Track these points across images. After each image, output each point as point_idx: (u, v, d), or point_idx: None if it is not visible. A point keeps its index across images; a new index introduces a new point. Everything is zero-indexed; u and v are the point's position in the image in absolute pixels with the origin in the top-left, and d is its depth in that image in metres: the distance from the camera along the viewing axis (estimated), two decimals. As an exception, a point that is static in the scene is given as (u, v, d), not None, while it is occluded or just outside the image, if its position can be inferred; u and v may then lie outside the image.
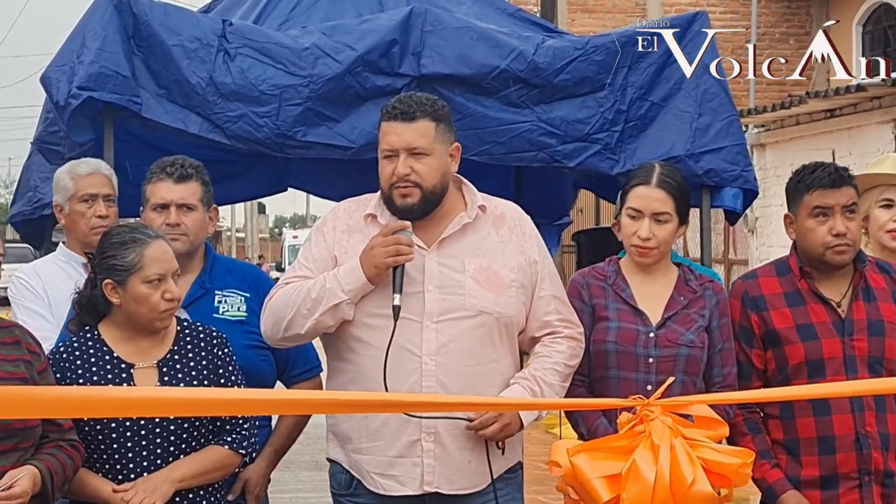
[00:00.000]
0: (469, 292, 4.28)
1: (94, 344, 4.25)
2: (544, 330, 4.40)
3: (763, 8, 20.15)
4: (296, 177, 7.05)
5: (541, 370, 4.32)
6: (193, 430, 4.21)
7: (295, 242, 49.89)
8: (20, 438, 3.92)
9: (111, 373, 4.20)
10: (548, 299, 4.40)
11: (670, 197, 4.48)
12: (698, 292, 4.54)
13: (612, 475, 3.82)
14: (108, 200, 5.23)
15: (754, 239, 16.45)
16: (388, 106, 4.33)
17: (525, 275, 4.37)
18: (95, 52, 5.34)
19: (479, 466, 4.28)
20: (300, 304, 4.26)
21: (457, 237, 4.34)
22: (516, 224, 4.45)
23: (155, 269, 4.18)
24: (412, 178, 4.25)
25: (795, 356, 4.52)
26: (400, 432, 4.24)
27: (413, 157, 4.25)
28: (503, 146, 5.66)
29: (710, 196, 5.83)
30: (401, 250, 4.16)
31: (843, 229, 4.50)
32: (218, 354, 4.33)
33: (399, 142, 4.26)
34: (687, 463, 3.78)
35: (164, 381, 4.21)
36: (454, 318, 4.24)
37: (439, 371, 4.18)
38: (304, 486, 10.79)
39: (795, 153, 14.94)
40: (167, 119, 5.49)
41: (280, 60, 5.53)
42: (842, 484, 4.49)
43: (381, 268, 4.18)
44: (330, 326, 4.27)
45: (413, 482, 4.25)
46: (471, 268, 4.31)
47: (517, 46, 5.66)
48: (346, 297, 4.21)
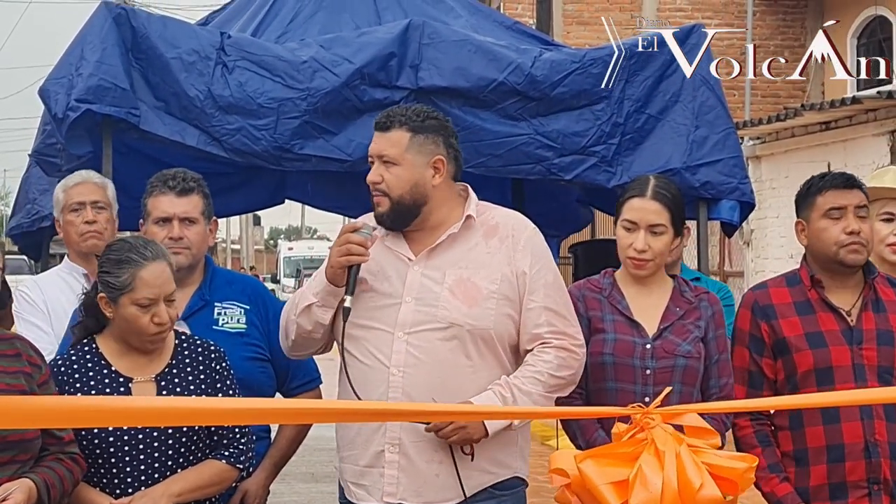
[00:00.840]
0: (442, 304, 4.23)
1: (93, 357, 4.24)
2: (535, 342, 4.29)
3: (758, 20, 20.18)
4: (293, 189, 7.05)
5: (519, 377, 4.23)
6: (191, 444, 4.20)
7: (290, 254, 49.89)
8: (17, 451, 3.91)
9: (109, 386, 4.19)
10: (538, 311, 4.28)
11: (665, 209, 4.49)
12: (694, 303, 4.54)
13: (620, 481, 3.83)
14: (98, 207, 5.25)
15: (750, 251, 16.47)
16: (376, 119, 4.38)
17: (510, 286, 4.28)
18: (94, 64, 5.35)
19: (448, 480, 4.21)
20: (289, 310, 4.36)
21: (444, 248, 4.32)
22: (509, 234, 4.35)
23: (145, 292, 4.13)
24: (381, 186, 4.27)
25: (804, 364, 4.53)
26: (369, 442, 4.23)
27: (384, 166, 4.28)
28: (500, 159, 5.68)
29: (707, 208, 5.84)
30: (351, 249, 4.18)
31: (857, 227, 4.53)
32: (216, 369, 4.32)
33: (373, 149, 4.31)
34: (693, 469, 3.78)
35: (163, 396, 4.20)
36: (425, 329, 4.21)
37: (406, 383, 4.15)
38: (300, 499, 10.78)
39: (791, 165, 14.97)
40: (165, 132, 5.50)
41: (278, 73, 5.54)
42: (851, 493, 4.49)
43: (335, 267, 4.21)
44: (310, 332, 4.32)
45: (378, 492, 4.23)
46: (450, 279, 4.27)
47: (515, 59, 5.67)
48: (315, 299, 4.27)
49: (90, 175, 5.33)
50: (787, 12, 20.65)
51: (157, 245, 4.29)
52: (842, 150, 14.08)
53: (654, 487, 3.72)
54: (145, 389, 4.22)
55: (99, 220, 5.25)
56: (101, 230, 5.25)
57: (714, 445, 3.94)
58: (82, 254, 5.28)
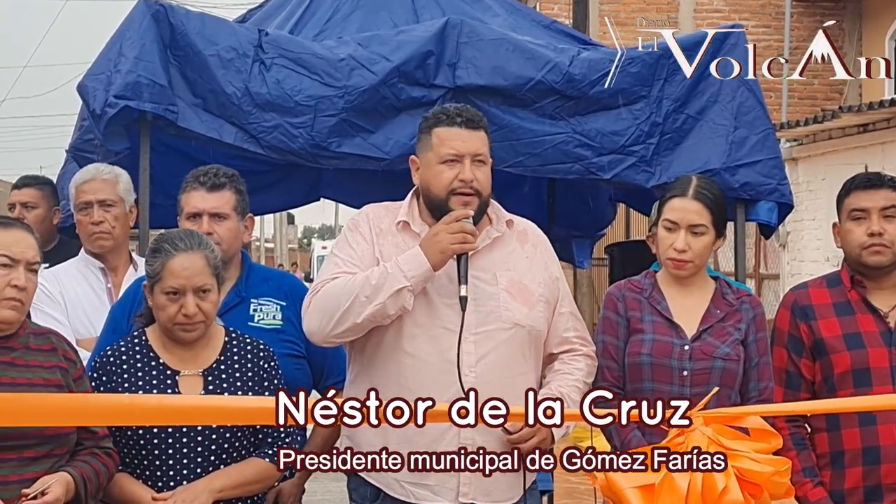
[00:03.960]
0: (504, 305, 4.27)
1: (142, 349, 4.26)
2: (563, 346, 4.42)
3: (795, 22, 20.06)
4: (328, 187, 7.05)
5: (565, 387, 4.32)
6: (235, 441, 4.20)
7: (323, 253, 49.95)
8: (54, 445, 3.93)
9: (156, 378, 4.21)
10: (567, 316, 4.43)
11: (707, 209, 4.47)
12: (735, 306, 4.52)
13: (647, 486, 3.81)
14: (106, 205, 5.28)
15: (785, 254, 16.39)
16: (446, 113, 4.31)
17: (550, 290, 4.40)
18: (133, 61, 5.36)
19: (512, 479, 4.26)
20: (358, 291, 4.16)
21: (487, 251, 4.33)
22: (539, 241, 4.48)
23: (171, 282, 4.15)
24: (474, 185, 4.24)
25: (841, 365, 4.51)
26: (437, 442, 4.18)
27: (475, 165, 4.25)
28: (538, 158, 5.65)
29: (745, 210, 5.80)
30: (467, 238, 4.15)
31: (879, 229, 4.51)
32: (264, 367, 4.32)
33: (465, 147, 4.25)
34: (720, 472, 3.77)
35: (209, 390, 4.20)
36: (490, 329, 4.24)
37: (478, 382, 4.13)
38: (333, 497, 10.78)
39: (828, 168, 14.89)
40: (202, 128, 5.50)
41: (315, 71, 5.54)
42: (886, 496, 4.47)
43: (446, 253, 4.15)
44: (389, 316, 4.19)
45: (449, 493, 4.23)
46: (503, 280, 4.30)
47: (552, 58, 5.65)
48: (409, 283, 4.14)
49: (100, 171, 5.35)
50: (824, 14, 20.53)
51: (198, 238, 4.29)
52: (880, 153, 13.99)
53: (680, 491, 3.72)
54: (192, 383, 4.23)
55: (107, 219, 5.28)
56: (109, 230, 5.29)
57: (776, 447, 3.92)
58: (93, 252, 5.32)
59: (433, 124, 4.32)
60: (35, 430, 3.86)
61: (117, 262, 5.36)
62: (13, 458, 3.85)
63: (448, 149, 4.25)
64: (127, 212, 5.36)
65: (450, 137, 4.26)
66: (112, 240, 5.30)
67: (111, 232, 5.28)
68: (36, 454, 3.89)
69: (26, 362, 3.99)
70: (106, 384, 4.19)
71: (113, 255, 5.34)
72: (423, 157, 4.34)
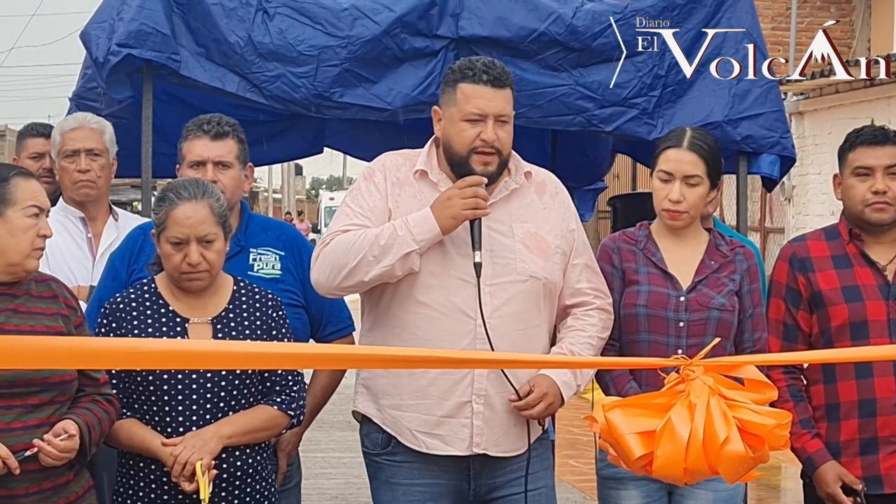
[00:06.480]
0: (520, 257, 4.28)
1: (151, 297, 4.28)
2: (576, 298, 4.41)
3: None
4: (332, 137, 7.03)
5: (577, 345, 4.35)
6: (244, 388, 4.22)
7: (331, 204, 49.91)
8: (57, 392, 3.96)
9: (166, 325, 4.23)
10: (581, 268, 4.42)
11: (701, 160, 4.47)
12: (729, 256, 4.54)
13: (647, 432, 3.82)
14: (93, 154, 5.26)
15: (791, 207, 16.37)
16: (472, 68, 4.27)
17: (566, 242, 4.40)
18: (136, 9, 5.34)
19: (520, 430, 4.30)
20: (366, 251, 4.16)
21: (504, 202, 4.34)
22: (557, 192, 4.47)
23: (174, 231, 4.17)
24: (497, 144, 4.22)
25: (839, 317, 4.53)
26: (449, 392, 4.23)
27: (498, 124, 4.23)
28: (540, 109, 5.64)
29: (748, 163, 5.80)
30: (479, 203, 4.15)
31: (883, 187, 4.52)
32: (272, 316, 4.34)
33: (490, 107, 4.21)
34: (721, 422, 3.77)
35: (219, 339, 4.22)
36: (505, 281, 4.25)
37: (492, 334, 4.14)
38: (336, 446, 10.86)
39: (834, 122, 14.85)
40: (205, 77, 5.49)
41: (318, 21, 5.52)
42: (882, 448, 4.50)
43: (458, 219, 4.15)
44: (396, 276, 4.20)
45: (461, 443, 4.26)
46: (519, 232, 4.31)
47: (556, 9, 5.62)
48: (417, 246, 4.15)
49: (87, 119, 5.33)
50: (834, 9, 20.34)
51: (204, 186, 4.29)
52: (886, 107, 13.95)
53: (681, 439, 3.72)
54: (201, 331, 4.25)
55: (93, 167, 5.26)
56: (95, 179, 5.27)
57: (771, 398, 3.94)
58: (75, 200, 5.32)
59: (459, 78, 4.27)
60: (40, 376, 3.89)
61: (97, 213, 5.34)
62: (18, 404, 3.88)
63: (472, 107, 4.22)
64: (111, 163, 5.36)
65: (475, 95, 4.22)
66: (97, 189, 5.28)
67: (96, 181, 5.27)
68: (40, 401, 3.91)
69: (28, 309, 4.01)
70: (116, 331, 4.21)
71: (94, 204, 5.32)
72: (446, 110, 4.31)
